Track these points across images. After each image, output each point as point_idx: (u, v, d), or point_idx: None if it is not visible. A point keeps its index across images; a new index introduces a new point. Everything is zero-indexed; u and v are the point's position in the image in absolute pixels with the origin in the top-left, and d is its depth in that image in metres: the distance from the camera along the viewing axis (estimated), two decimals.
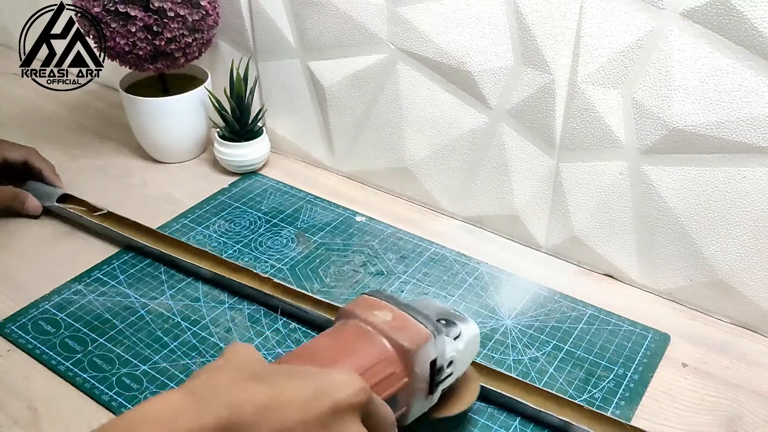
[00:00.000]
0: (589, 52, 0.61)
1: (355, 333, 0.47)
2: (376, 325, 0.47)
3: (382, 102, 0.78)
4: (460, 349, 0.51)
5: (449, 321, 0.52)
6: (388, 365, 0.46)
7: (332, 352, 0.46)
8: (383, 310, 0.49)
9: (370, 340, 0.47)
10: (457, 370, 0.51)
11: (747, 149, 0.57)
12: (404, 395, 0.47)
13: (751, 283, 0.63)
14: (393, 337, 0.47)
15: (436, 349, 0.48)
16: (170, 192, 0.85)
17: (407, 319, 0.48)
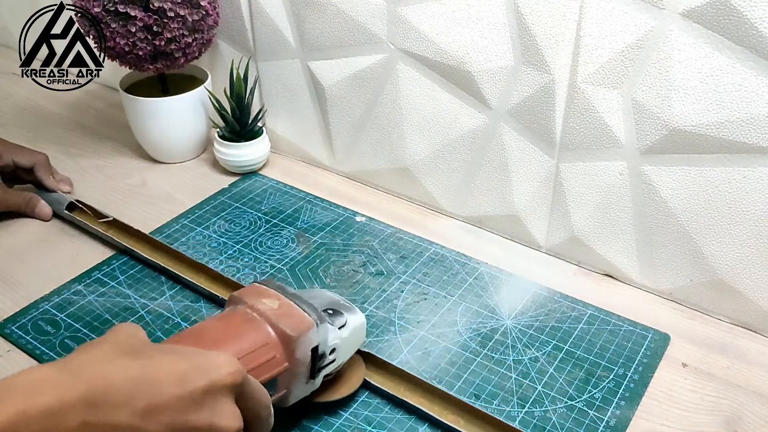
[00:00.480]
0: (589, 52, 0.61)
1: (241, 318, 0.50)
2: (262, 312, 0.50)
3: (382, 102, 0.78)
4: (343, 338, 0.54)
5: (336, 311, 0.55)
6: (270, 350, 0.49)
7: (217, 334, 0.49)
8: (271, 298, 0.52)
9: (254, 326, 0.50)
10: (340, 357, 0.54)
11: (747, 149, 0.57)
12: (284, 379, 0.50)
13: (751, 283, 0.63)
14: (277, 324, 0.50)
15: (319, 336, 0.51)
16: (170, 192, 0.85)
17: (292, 307, 0.51)
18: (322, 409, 0.57)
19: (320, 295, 0.57)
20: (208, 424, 0.40)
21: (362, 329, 0.57)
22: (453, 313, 0.67)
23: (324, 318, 0.52)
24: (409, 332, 0.65)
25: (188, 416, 0.39)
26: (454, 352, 0.63)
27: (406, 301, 0.68)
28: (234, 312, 0.51)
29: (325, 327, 0.52)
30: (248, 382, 0.44)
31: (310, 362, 0.51)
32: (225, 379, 0.41)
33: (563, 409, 0.57)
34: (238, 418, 0.43)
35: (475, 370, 0.61)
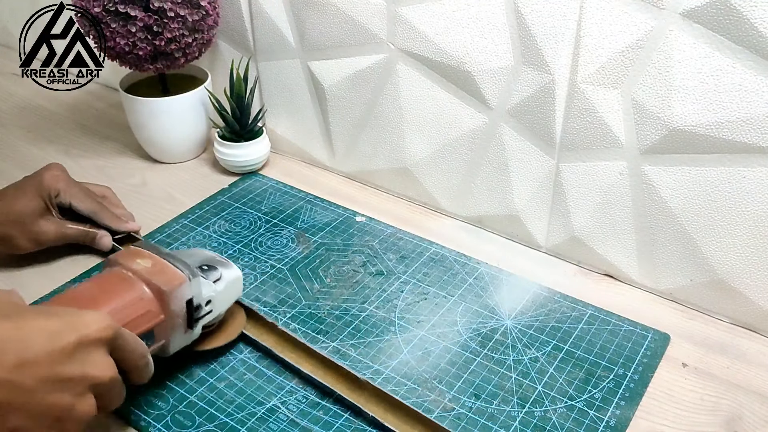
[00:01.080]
0: (589, 52, 0.61)
1: (116, 278, 0.54)
2: (136, 271, 0.54)
3: (382, 102, 0.78)
4: (218, 290, 0.58)
5: (210, 266, 0.59)
6: (145, 305, 0.53)
7: (92, 294, 0.53)
8: (144, 258, 0.56)
9: (128, 284, 0.53)
10: (217, 308, 0.59)
11: (747, 149, 0.57)
12: (161, 330, 0.54)
13: (751, 283, 0.63)
14: (150, 281, 0.54)
15: (192, 289, 0.55)
16: (170, 192, 0.85)
17: (166, 265, 0.55)
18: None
19: (196, 254, 0.60)
20: (80, 375, 0.44)
21: (238, 282, 0.61)
22: (453, 313, 0.67)
23: (197, 273, 0.56)
24: (409, 332, 0.65)
25: (60, 368, 0.43)
26: (454, 352, 0.63)
27: (406, 301, 0.68)
28: (109, 273, 0.55)
29: (198, 281, 0.56)
30: (121, 335, 0.48)
31: (186, 314, 0.55)
32: (95, 333, 0.45)
33: (563, 409, 0.57)
34: (111, 368, 0.47)
35: (475, 370, 0.61)
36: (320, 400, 0.58)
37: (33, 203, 0.69)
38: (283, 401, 0.58)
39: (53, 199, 0.70)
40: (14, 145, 0.95)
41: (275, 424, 0.56)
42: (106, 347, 0.47)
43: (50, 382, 0.43)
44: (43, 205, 0.70)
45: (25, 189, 0.71)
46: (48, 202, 0.70)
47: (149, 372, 0.52)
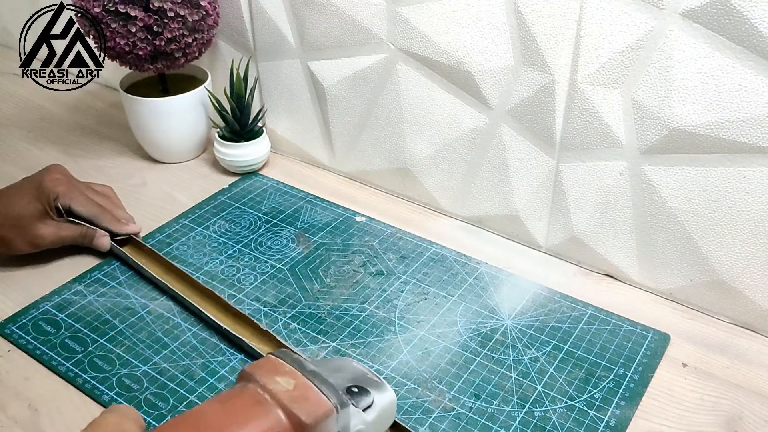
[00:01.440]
0: (589, 52, 0.61)
1: (249, 401, 0.45)
2: (274, 393, 0.45)
3: (382, 102, 0.78)
4: (368, 421, 0.48)
5: (362, 389, 0.49)
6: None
7: (218, 420, 0.44)
8: (286, 376, 0.46)
9: (264, 410, 0.44)
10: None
11: (747, 149, 0.57)
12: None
13: (751, 283, 0.63)
14: (290, 409, 0.44)
15: (338, 423, 0.45)
16: (170, 192, 0.85)
17: (310, 388, 0.46)
18: None
19: (344, 368, 0.51)
20: None
21: (391, 409, 0.50)
22: (453, 313, 0.67)
23: (346, 401, 0.46)
24: (409, 332, 0.65)
25: None
26: (454, 352, 0.63)
27: (406, 301, 0.68)
28: (242, 392, 0.46)
29: (347, 411, 0.46)
30: None
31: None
32: None
33: (563, 409, 0.57)
34: None
35: (475, 370, 0.61)
36: None
37: (31, 206, 0.69)
38: None
39: (52, 203, 0.70)
40: (14, 145, 0.95)
41: None
42: None
43: None
44: (41, 209, 0.69)
45: (24, 191, 0.70)
46: (47, 206, 0.70)
47: None
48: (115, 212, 0.75)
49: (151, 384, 0.59)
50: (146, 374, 0.60)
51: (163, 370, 0.60)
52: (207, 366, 0.61)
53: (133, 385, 0.59)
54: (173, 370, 0.61)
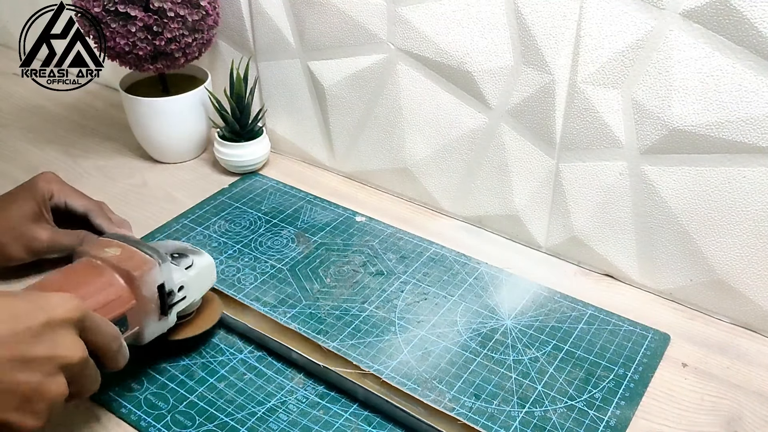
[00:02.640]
0: (589, 52, 0.61)
1: (85, 267, 0.54)
2: (105, 259, 0.54)
3: (382, 102, 0.78)
4: (191, 276, 0.58)
5: (182, 254, 0.59)
6: (115, 291, 0.53)
7: (61, 283, 0.53)
8: (113, 246, 0.56)
9: (98, 272, 0.54)
10: (190, 294, 0.59)
11: (747, 149, 0.57)
12: (134, 315, 0.54)
13: (751, 283, 0.63)
14: (119, 266, 0.54)
15: (163, 275, 0.55)
16: (170, 192, 0.85)
17: (134, 251, 0.55)
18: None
19: (167, 244, 0.61)
20: (48, 354, 0.44)
21: (211, 268, 0.61)
22: (453, 313, 0.67)
23: (166, 258, 0.56)
24: (409, 332, 0.65)
25: (27, 348, 0.43)
26: (454, 352, 0.63)
27: (406, 301, 0.68)
28: (78, 263, 0.55)
29: (168, 266, 0.56)
30: (89, 317, 0.47)
31: (158, 299, 0.55)
32: (62, 314, 0.45)
33: (563, 409, 0.57)
34: (81, 348, 0.46)
35: (475, 370, 0.61)
36: (320, 400, 0.58)
37: (26, 207, 0.67)
38: (283, 401, 0.58)
39: (47, 202, 0.68)
40: (14, 145, 0.95)
41: (275, 424, 0.56)
42: (75, 328, 0.46)
43: (17, 361, 0.43)
44: (36, 209, 0.68)
45: (18, 195, 0.69)
46: (42, 207, 0.68)
47: (124, 356, 0.52)
48: (108, 213, 0.73)
49: (152, 384, 0.59)
50: (146, 374, 0.60)
51: (163, 370, 0.60)
52: (207, 366, 0.61)
53: (133, 385, 0.59)
54: (173, 369, 0.61)
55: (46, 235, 0.68)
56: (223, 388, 0.59)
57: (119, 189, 0.85)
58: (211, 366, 0.61)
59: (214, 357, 0.62)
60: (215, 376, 0.60)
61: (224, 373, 0.60)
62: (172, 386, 0.59)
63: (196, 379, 0.60)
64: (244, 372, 0.60)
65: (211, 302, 0.64)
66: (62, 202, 0.70)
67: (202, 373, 0.60)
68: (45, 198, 0.69)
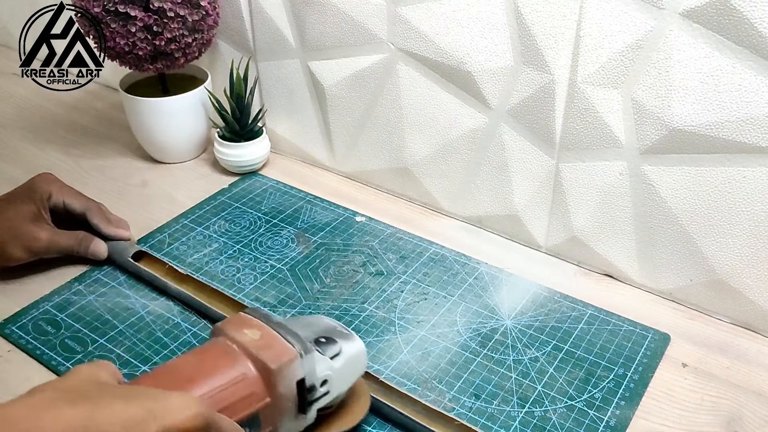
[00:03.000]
0: (589, 52, 0.61)
1: (218, 351, 0.48)
2: (241, 343, 0.48)
3: (382, 102, 0.78)
4: (336, 368, 0.50)
5: (329, 339, 0.51)
6: (248, 385, 0.46)
7: (190, 370, 0.46)
8: (253, 328, 0.49)
9: (232, 359, 0.47)
10: (334, 388, 0.51)
11: (747, 149, 0.57)
12: (267, 415, 0.47)
13: (751, 283, 0.63)
14: (256, 356, 0.47)
15: (304, 368, 0.48)
16: (170, 192, 0.85)
17: (275, 337, 0.48)
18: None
19: (314, 323, 0.53)
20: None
21: (360, 357, 0.53)
22: (453, 313, 0.67)
23: (310, 348, 0.49)
24: (409, 332, 0.65)
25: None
26: (454, 352, 0.63)
27: (406, 301, 0.68)
28: (212, 345, 0.49)
29: (312, 357, 0.49)
30: (215, 423, 0.41)
31: (296, 396, 0.48)
32: (182, 423, 0.38)
33: (563, 409, 0.57)
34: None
35: (475, 370, 0.61)
36: None
37: (24, 207, 0.67)
38: None
39: (46, 203, 0.68)
40: (14, 145, 0.95)
41: None
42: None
43: None
44: (35, 209, 0.67)
45: (16, 195, 0.69)
46: (40, 207, 0.68)
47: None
48: (107, 213, 0.73)
49: None
50: None
51: None
52: None
53: None
54: None
55: (45, 235, 0.68)
56: None
57: (119, 189, 0.85)
58: None
59: None
60: None
61: None
62: None
63: None
64: None
65: (356, 393, 0.55)
66: (61, 202, 0.70)
67: None
68: (44, 198, 0.68)
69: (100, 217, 0.72)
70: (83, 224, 0.72)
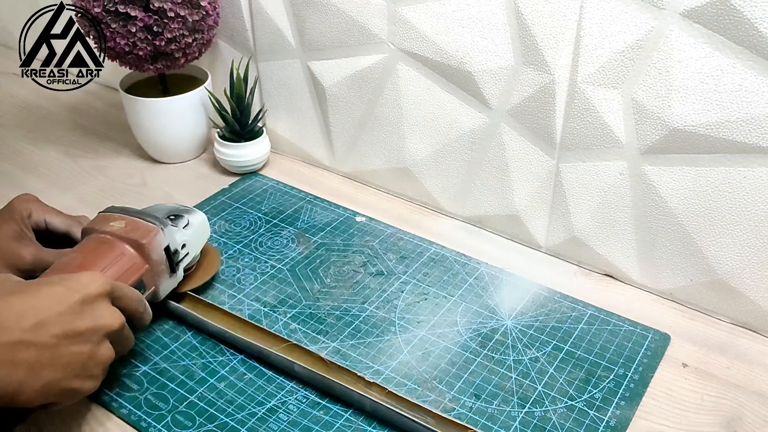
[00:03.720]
0: (589, 52, 0.61)
1: (96, 243, 0.60)
2: (113, 232, 0.60)
3: (382, 102, 0.78)
4: (190, 234, 0.65)
5: (177, 215, 0.65)
6: (129, 260, 0.59)
7: (80, 261, 0.58)
8: (117, 220, 0.61)
9: (109, 245, 0.59)
10: (192, 250, 0.65)
11: (747, 149, 0.57)
12: (149, 278, 0.60)
13: (751, 283, 0.63)
14: (128, 237, 0.60)
15: (167, 238, 0.61)
16: (170, 192, 0.85)
17: (138, 222, 0.61)
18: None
19: (160, 208, 0.66)
20: (93, 326, 0.50)
21: (205, 224, 0.68)
22: (453, 313, 0.67)
23: (167, 222, 0.62)
24: (409, 332, 0.65)
25: (74, 324, 0.49)
26: (455, 352, 0.63)
27: (407, 301, 0.68)
28: (89, 240, 0.60)
29: (170, 229, 0.62)
30: (117, 287, 0.54)
31: (166, 260, 0.62)
32: (95, 290, 0.51)
33: (563, 409, 0.57)
34: (119, 316, 0.53)
35: (475, 371, 0.61)
36: (320, 400, 0.58)
37: (5, 226, 0.64)
38: (283, 401, 0.58)
39: (26, 221, 0.65)
40: (14, 145, 0.95)
41: (275, 425, 0.56)
42: (108, 299, 0.53)
43: (68, 336, 0.48)
44: (16, 228, 0.65)
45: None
46: (22, 225, 0.65)
47: (149, 315, 0.58)
48: None
49: (152, 384, 0.59)
50: (146, 374, 0.60)
51: (164, 371, 0.60)
52: (207, 366, 0.61)
53: (133, 386, 0.59)
54: (173, 370, 0.61)
55: (29, 252, 0.65)
56: (223, 389, 0.59)
57: (119, 189, 0.85)
58: (211, 366, 0.61)
59: (215, 357, 0.62)
60: (215, 377, 0.60)
61: (224, 374, 0.60)
62: (173, 386, 0.59)
63: (197, 380, 0.60)
64: (244, 372, 0.60)
65: (208, 253, 0.70)
66: (42, 221, 0.67)
67: (203, 374, 0.60)
68: (23, 216, 0.66)
69: None
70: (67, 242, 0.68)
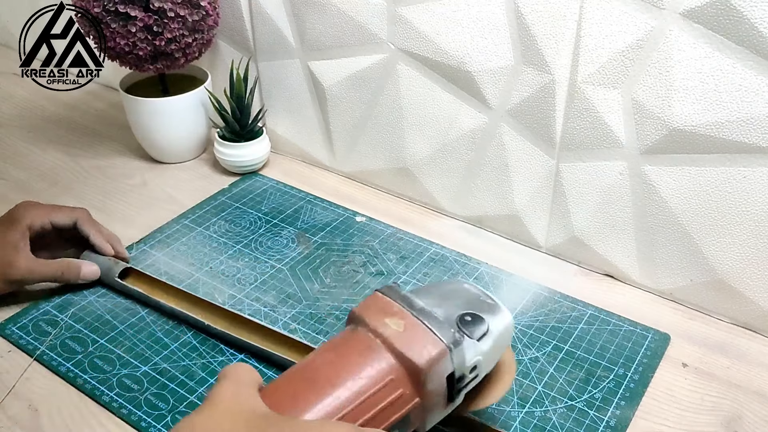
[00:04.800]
0: (589, 52, 0.61)
1: (360, 346, 0.44)
2: (384, 337, 0.44)
3: (382, 102, 0.78)
4: (484, 351, 0.45)
5: (475, 316, 0.46)
6: (396, 386, 0.43)
7: (333, 371, 0.43)
8: (394, 317, 0.45)
9: (375, 356, 0.43)
10: (483, 370, 0.47)
11: (747, 149, 0.57)
12: (417, 414, 0.44)
13: (751, 283, 0.63)
14: (403, 354, 0.43)
15: (453, 362, 0.44)
16: (170, 192, 0.85)
17: (420, 329, 0.44)
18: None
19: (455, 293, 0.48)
20: None
21: (507, 333, 0.47)
22: None
23: (459, 339, 0.44)
24: None
25: None
26: None
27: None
28: (352, 337, 0.45)
29: (461, 348, 0.44)
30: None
31: (446, 389, 0.44)
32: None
33: (563, 409, 0.57)
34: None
35: None
36: None
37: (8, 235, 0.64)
38: None
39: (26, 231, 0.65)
40: (14, 145, 0.95)
41: None
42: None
43: None
44: (17, 238, 0.64)
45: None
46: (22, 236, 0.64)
47: None
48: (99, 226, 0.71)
49: (152, 384, 0.59)
50: (147, 375, 0.60)
51: (164, 371, 0.60)
52: (207, 366, 0.61)
53: (133, 386, 0.59)
54: (173, 370, 0.61)
55: (22, 263, 0.64)
56: None
57: (119, 189, 0.85)
58: (211, 366, 0.61)
59: (214, 357, 0.62)
60: (216, 377, 0.60)
61: None
62: (173, 386, 0.59)
63: (197, 380, 0.60)
64: None
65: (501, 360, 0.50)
66: (48, 224, 0.66)
67: (203, 374, 0.60)
68: (24, 228, 0.65)
69: (91, 224, 0.69)
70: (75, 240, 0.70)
